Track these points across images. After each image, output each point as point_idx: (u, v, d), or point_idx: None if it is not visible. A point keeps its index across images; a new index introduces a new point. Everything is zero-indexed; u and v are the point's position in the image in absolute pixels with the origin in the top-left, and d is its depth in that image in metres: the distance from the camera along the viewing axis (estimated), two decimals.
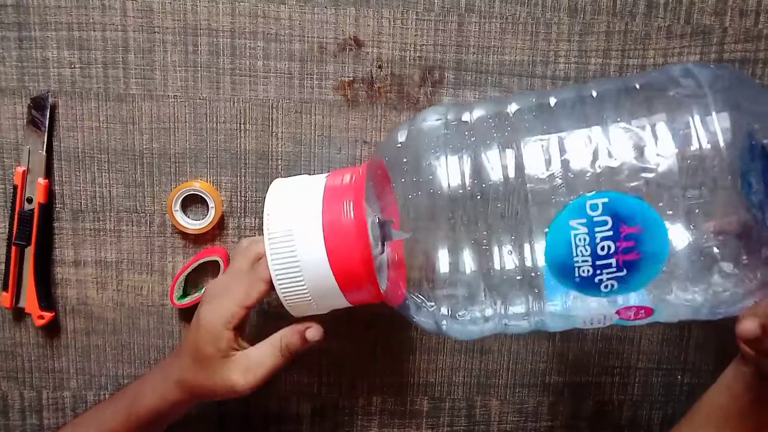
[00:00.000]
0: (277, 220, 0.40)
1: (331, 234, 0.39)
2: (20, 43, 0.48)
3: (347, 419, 0.55)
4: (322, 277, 0.39)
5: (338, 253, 0.39)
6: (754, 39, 0.51)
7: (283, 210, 0.40)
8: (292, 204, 0.40)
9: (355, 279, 0.39)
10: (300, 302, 0.41)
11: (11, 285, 0.50)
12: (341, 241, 0.39)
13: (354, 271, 0.39)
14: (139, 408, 0.45)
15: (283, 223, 0.39)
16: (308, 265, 0.39)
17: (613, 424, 0.56)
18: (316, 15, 0.49)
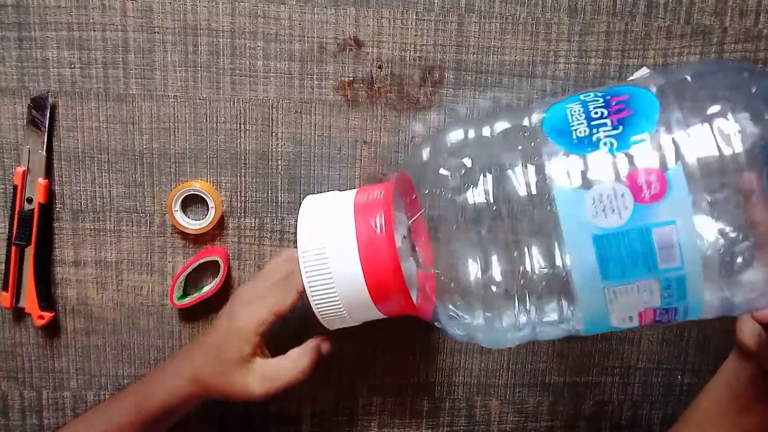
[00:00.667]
0: (310, 237, 0.41)
1: (364, 248, 0.40)
2: (20, 43, 0.48)
3: (347, 419, 0.55)
4: (355, 290, 0.40)
5: (371, 266, 0.40)
6: (754, 39, 0.51)
7: (315, 227, 0.41)
8: (323, 220, 0.41)
9: (388, 291, 0.40)
10: (335, 316, 0.42)
11: (11, 285, 0.50)
12: (373, 254, 0.40)
13: (386, 283, 0.40)
14: (148, 404, 0.46)
15: (315, 240, 0.41)
16: (342, 279, 0.40)
17: (613, 424, 0.56)
18: (316, 15, 0.49)
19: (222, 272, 0.51)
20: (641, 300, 0.35)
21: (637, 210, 0.34)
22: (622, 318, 0.36)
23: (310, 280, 0.41)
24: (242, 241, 0.52)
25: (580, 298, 0.36)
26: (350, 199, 0.43)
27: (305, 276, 0.41)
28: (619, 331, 0.39)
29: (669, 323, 0.38)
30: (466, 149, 0.38)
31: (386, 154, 0.51)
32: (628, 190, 0.34)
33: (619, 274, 0.35)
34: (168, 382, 0.46)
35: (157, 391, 0.46)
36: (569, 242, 0.35)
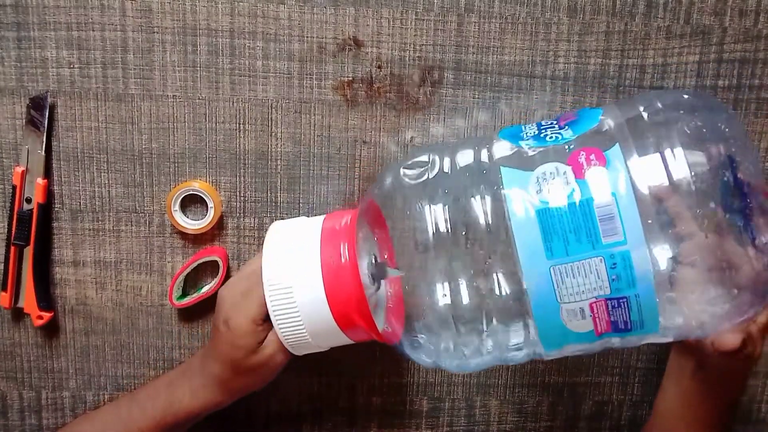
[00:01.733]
0: (275, 268, 0.41)
1: (328, 277, 0.40)
2: (19, 43, 0.48)
3: (347, 419, 0.55)
4: (321, 320, 0.41)
5: (335, 295, 0.40)
6: (754, 39, 0.51)
7: (280, 256, 0.42)
8: (289, 249, 0.42)
9: (353, 319, 0.41)
10: (302, 343, 0.43)
11: (10, 285, 0.50)
12: (337, 283, 0.40)
13: (351, 312, 0.40)
14: (176, 411, 0.47)
15: (280, 270, 0.41)
16: (308, 309, 0.41)
17: (612, 424, 0.56)
18: (316, 15, 0.49)
19: (221, 272, 0.51)
20: (589, 284, 0.35)
21: (579, 185, 0.35)
22: (573, 312, 0.35)
23: (276, 312, 0.41)
24: (241, 241, 0.52)
25: (528, 283, 0.35)
26: (317, 226, 0.43)
27: (271, 307, 0.41)
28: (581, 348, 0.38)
29: (626, 332, 0.36)
30: (424, 184, 0.40)
31: (386, 154, 0.51)
32: (570, 168, 0.36)
33: (563, 250, 0.35)
34: (197, 393, 0.46)
35: (186, 399, 0.47)
36: (514, 221, 0.35)
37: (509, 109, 0.51)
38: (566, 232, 0.35)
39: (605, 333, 0.36)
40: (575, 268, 0.35)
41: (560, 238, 0.35)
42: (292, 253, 0.42)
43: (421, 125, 0.51)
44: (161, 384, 0.49)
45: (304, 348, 0.44)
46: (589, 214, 0.35)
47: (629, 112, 0.38)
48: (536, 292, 0.35)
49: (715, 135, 0.36)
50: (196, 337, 0.53)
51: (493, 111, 0.51)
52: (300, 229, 0.44)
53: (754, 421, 0.56)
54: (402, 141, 0.51)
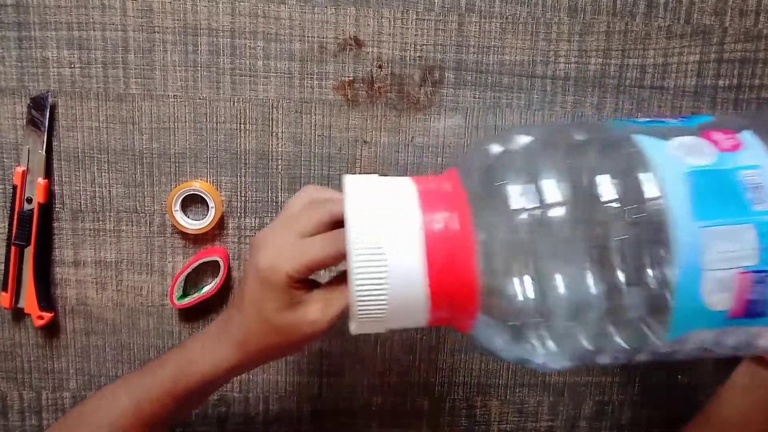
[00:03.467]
0: (365, 224, 0.34)
1: (433, 246, 0.34)
2: (20, 43, 0.48)
3: (347, 419, 0.55)
4: (411, 292, 0.34)
5: (439, 267, 0.34)
6: (754, 39, 0.51)
7: (369, 212, 0.34)
8: (380, 206, 0.34)
9: (452, 298, 0.35)
10: (373, 317, 0.35)
11: (11, 285, 0.50)
12: (444, 255, 0.34)
13: (454, 289, 0.34)
14: (187, 376, 0.41)
15: (371, 228, 0.34)
16: (398, 278, 0.34)
17: (613, 423, 0.56)
18: (317, 15, 0.49)
19: (222, 272, 0.51)
20: (738, 251, 0.33)
21: (720, 156, 0.34)
22: (716, 281, 0.33)
23: (359, 273, 0.33)
24: (242, 241, 0.52)
25: (675, 246, 0.33)
26: (408, 186, 0.36)
27: (353, 266, 0.33)
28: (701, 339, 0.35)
29: (757, 318, 0.34)
30: (534, 157, 0.35)
31: (386, 154, 0.51)
32: (707, 142, 0.35)
33: (712, 212, 0.33)
34: (211, 350, 0.41)
35: (198, 362, 0.41)
36: (663, 180, 0.33)
37: (510, 109, 0.51)
38: (714, 195, 0.33)
39: (736, 317, 0.34)
40: (725, 231, 0.33)
41: (709, 201, 0.33)
42: (384, 210, 0.34)
43: (422, 125, 0.51)
44: (176, 349, 0.43)
45: (371, 323, 0.36)
46: (736, 181, 0.34)
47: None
48: (682, 254, 0.33)
49: None
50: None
51: (494, 111, 0.51)
52: (385, 185, 0.36)
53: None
54: (403, 141, 0.51)
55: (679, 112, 0.52)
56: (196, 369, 0.41)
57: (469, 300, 0.34)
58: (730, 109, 0.52)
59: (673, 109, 0.52)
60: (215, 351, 0.41)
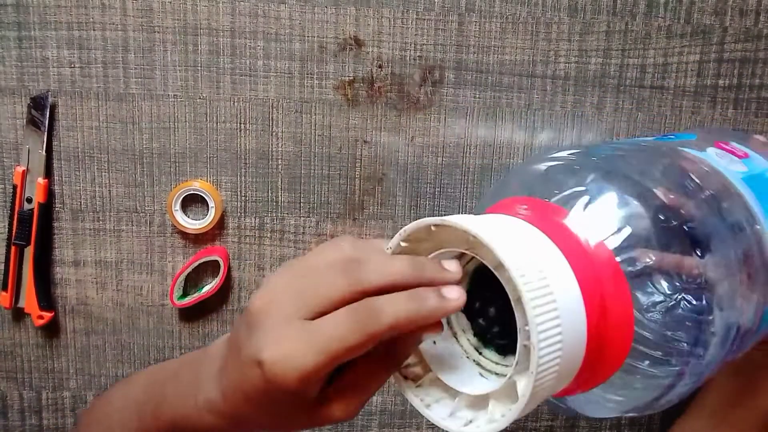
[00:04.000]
0: (519, 253, 0.27)
1: (584, 282, 0.28)
2: (20, 43, 0.48)
3: None
4: (578, 339, 0.27)
5: (595, 305, 0.28)
6: (754, 38, 0.51)
7: (514, 242, 0.27)
8: (520, 240, 0.28)
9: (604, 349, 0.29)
10: (552, 381, 0.27)
11: (11, 285, 0.50)
12: (597, 290, 0.28)
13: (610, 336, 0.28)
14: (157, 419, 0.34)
15: (528, 258, 0.27)
16: (569, 323, 0.27)
17: (613, 423, 0.56)
18: (317, 14, 0.49)
19: (222, 272, 0.51)
20: None
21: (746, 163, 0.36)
22: None
23: (538, 317, 0.26)
24: (242, 241, 0.52)
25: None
26: (518, 221, 0.30)
27: (531, 307, 0.25)
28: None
29: None
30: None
31: (386, 154, 0.51)
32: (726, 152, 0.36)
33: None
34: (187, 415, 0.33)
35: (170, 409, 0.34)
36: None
37: (510, 109, 0.51)
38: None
39: None
40: None
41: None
42: (527, 244, 0.28)
43: (422, 125, 0.51)
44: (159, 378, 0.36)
45: (544, 393, 0.28)
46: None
47: None
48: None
49: None
50: (197, 337, 0.53)
51: (494, 110, 0.51)
52: (504, 221, 0.30)
53: None
54: (403, 141, 0.51)
55: (680, 111, 0.52)
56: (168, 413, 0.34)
57: (625, 342, 0.29)
58: (730, 108, 0.52)
59: (674, 108, 0.52)
60: (192, 414, 0.32)
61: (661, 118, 0.52)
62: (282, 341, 0.26)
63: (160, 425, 0.34)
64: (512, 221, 0.30)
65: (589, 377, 0.29)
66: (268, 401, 0.28)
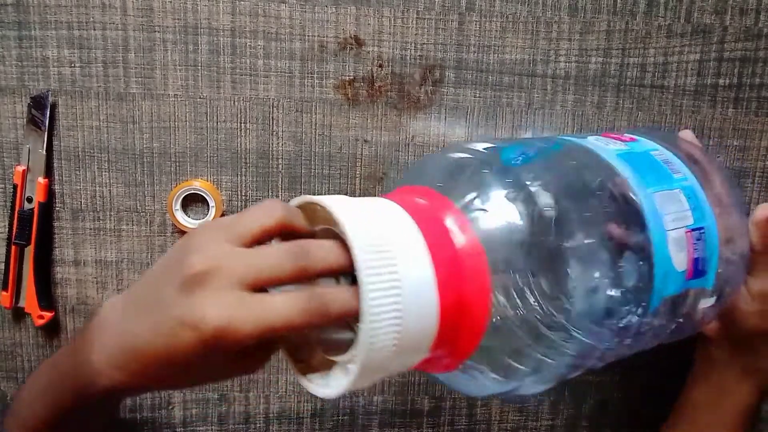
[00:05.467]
0: (368, 231, 0.28)
1: (440, 260, 0.29)
2: (20, 42, 0.48)
3: (348, 419, 0.55)
4: (425, 311, 0.29)
5: (449, 283, 0.29)
6: (755, 38, 0.51)
7: (368, 222, 0.29)
8: (374, 216, 0.29)
9: (461, 320, 0.30)
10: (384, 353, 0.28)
11: (11, 285, 0.50)
12: (453, 269, 0.30)
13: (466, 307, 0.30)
14: (62, 398, 0.35)
15: (376, 235, 0.28)
16: (413, 291, 0.28)
17: (613, 423, 0.56)
18: (317, 14, 0.49)
19: None
20: (679, 211, 0.37)
21: (629, 144, 0.39)
22: (676, 240, 0.36)
23: (373, 287, 0.27)
24: None
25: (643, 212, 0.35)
26: (392, 206, 0.31)
27: (366, 279, 0.27)
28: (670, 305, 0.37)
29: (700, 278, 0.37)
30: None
31: (387, 153, 0.51)
32: (611, 138, 0.40)
33: (653, 180, 0.37)
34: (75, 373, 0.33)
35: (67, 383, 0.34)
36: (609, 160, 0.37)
37: (510, 108, 0.51)
38: (646, 169, 0.37)
39: (690, 279, 0.37)
40: (667, 195, 0.37)
41: (645, 173, 0.37)
42: (381, 220, 0.29)
43: (423, 124, 0.51)
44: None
45: (379, 368, 0.29)
46: (652, 158, 0.38)
47: None
48: (650, 218, 0.36)
49: None
50: None
51: (494, 110, 0.51)
52: (371, 204, 0.31)
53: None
54: (403, 140, 0.51)
55: (680, 111, 0.52)
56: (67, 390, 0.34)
57: (481, 316, 0.30)
58: (730, 107, 0.52)
59: (674, 107, 0.52)
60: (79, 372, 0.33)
61: (662, 117, 0.52)
62: (226, 307, 0.27)
63: (66, 401, 0.34)
64: (384, 204, 0.31)
65: (450, 354, 0.31)
66: (188, 361, 0.29)
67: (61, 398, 0.35)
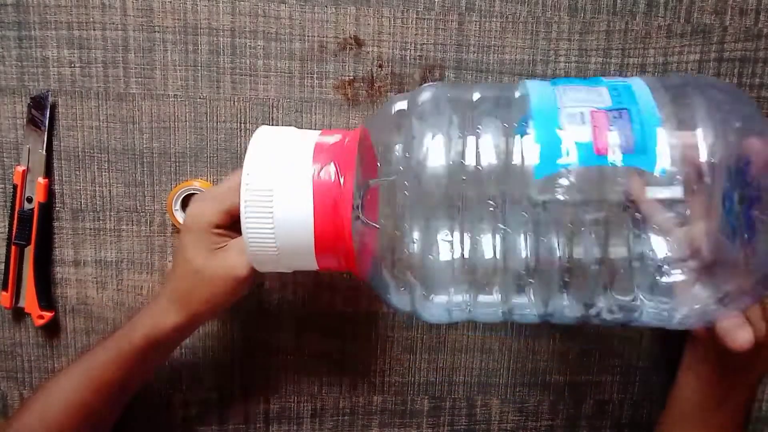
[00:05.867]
0: (258, 170, 0.38)
1: (319, 192, 0.37)
2: (20, 42, 0.48)
3: (348, 419, 0.55)
4: (297, 234, 0.38)
5: (322, 214, 0.37)
6: (754, 38, 0.51)
7: (265, 159, 0.38)
8: (277, 152, 0.39)
9: (333, 244, 0.38)
10: (266, 255, 0.39)
11: (11, 285, 0.50)
12: (327, 202, 0.37)
13: (334, 235, 0.38)
14: (131, 339, 0.43)
15: (264, 174, 0.38)
16: (285, 218, 0.37)
17: (613, 423, 0.56)
18: (317, 14, 0.49)
19: None
20: (591, 99, 0.36)
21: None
22: (573, 115, 0.35)
23: (248, 213, 0.37)
24: None
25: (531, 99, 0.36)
26: (310, 138, 0.40)
27: (243, 207, 0.37)
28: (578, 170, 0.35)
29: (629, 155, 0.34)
30: (437, 112, 0.38)
31: None
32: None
33: (568, 80, 0.38)
34: (150, 314, 0.44)
35: (139, 325, 0.43)
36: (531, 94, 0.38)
37: None
38: (574, 80, 0.38)
39: (605, 155, 0.35)
40: (578, 88, 0.37)
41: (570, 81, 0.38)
42: (279, 158, 0.38)
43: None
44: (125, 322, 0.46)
45: (267, 262, 0.40)
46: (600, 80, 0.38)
47: None
48: (538, 99, 0.36)
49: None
50: (196, 336, 0.53)
51: None
52: (290, 137, 0.40)
53: (753, 420, 0.56)
54: None
55: None
56: (139, 331, 0.43)
57: (346, 246, 0.38)
58: None
59: None
60: (155, 311, 0.43)
61: None
62: (197, 206, 0.42)
63: (134, 344, 0.43)
64: (308, 137, 0.40)
65: (338, 265, 0.40)
66: (186, 248, 0.41)
67: (130, 337, 0.43)
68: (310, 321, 0.53)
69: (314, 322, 0.53)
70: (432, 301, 0.38)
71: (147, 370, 0.47)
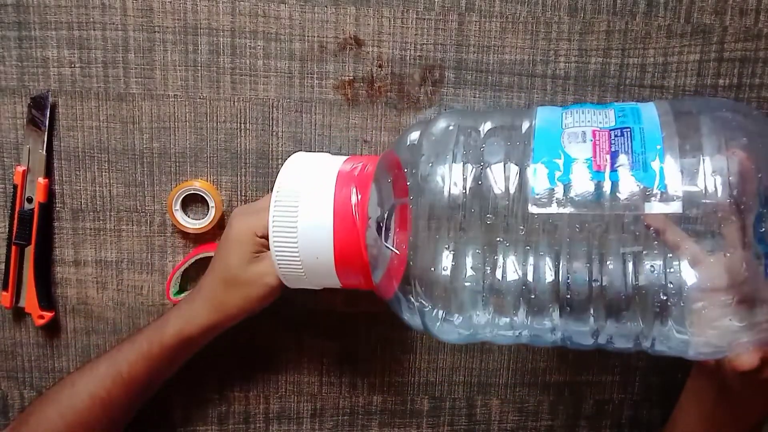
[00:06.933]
0: (288, 188, 0.42)
1: (339, 215, 0.41)
2: (20, 43, 0.48)
3: (348, 419, 0.55)
4: (319, 250, 0.41)
5: (341, 234, 0.41)
6: (754, 38, 0.51)
7: (295, 181, 0.43)
8: (305, 178, 0.43)
9: (350, 263, 0.41)
10: (292, 270, 0.43)
11: (11, 285, 0.50)
12: (345, 225, 0.40)
13: (350, 255, 0.41)
14: (162, 335, 0.45)
15: (292, 192, 0.42)
16: (309, 235, 0.41)
17: (613, 423, 0.56)
18: (317, 14, 0.49)
19: None
20: (594, 119, 0.37)
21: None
22: (574, 134, 0.36)
23: (276, 228, 0.41)
24: None
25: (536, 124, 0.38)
26: (337, 164, 0.43)
27: (272, 222, 0.41)
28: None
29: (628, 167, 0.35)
30: (454, 141, 0.40)
31: None
32: None
33: (580, 105, 0.40)
34: (184, 310, 0.46)
35: (171, 322, 0.46)
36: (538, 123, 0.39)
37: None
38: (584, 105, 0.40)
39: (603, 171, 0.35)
40: (585, 110, 0.38)
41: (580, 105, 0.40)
42: (307, 181, 0.42)
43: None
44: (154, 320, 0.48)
45: (293, 277, 0.43)
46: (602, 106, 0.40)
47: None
48: (542, 121, 0.38)
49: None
50: None
51: None
52: (319, 162, 0.44)
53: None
54: None
55: None
56: (171, 328, 0.45)
57: (361, 265, 0.41)
58: None
59: None
60: (187, 311, 0.46)
61: None
62: (243, 219, 0.45)
63: (164, 342, 0.45)
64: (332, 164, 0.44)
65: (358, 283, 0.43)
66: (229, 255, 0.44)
67: (161, 335, 0.45)
68: (310, 321, 0.53)
69: (314, 322, 0.53)
70: (453, 323, 0.39)
71: (172, 368, 0.48)
